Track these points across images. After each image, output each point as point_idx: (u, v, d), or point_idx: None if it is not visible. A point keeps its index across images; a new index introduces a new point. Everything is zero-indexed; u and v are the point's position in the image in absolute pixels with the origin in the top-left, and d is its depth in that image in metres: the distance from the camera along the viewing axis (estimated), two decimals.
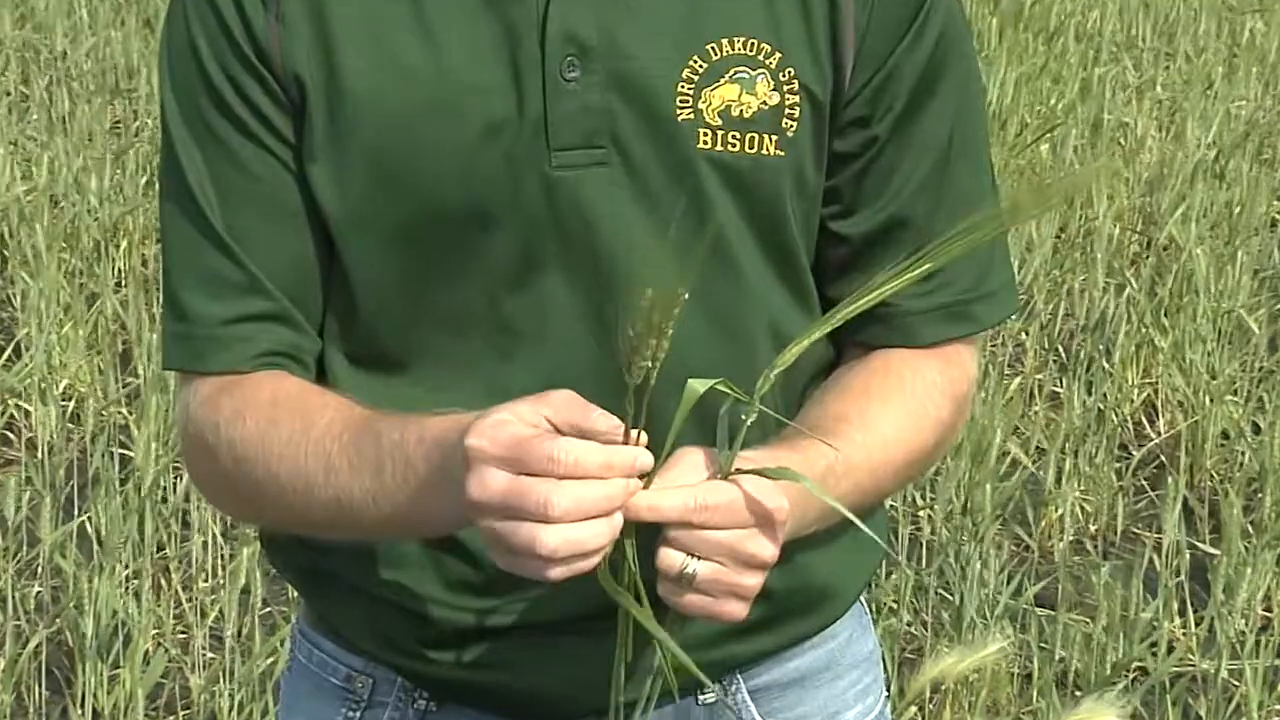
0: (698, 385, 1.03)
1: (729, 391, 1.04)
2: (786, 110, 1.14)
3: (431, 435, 1.05)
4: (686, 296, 0.99)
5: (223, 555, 2.76)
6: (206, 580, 2.74)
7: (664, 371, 1.02)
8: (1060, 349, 3.53)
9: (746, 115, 1.13)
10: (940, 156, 1.17)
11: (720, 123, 1.13)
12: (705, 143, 1.13)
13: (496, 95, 1.11)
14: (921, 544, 2.86)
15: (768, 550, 1.04)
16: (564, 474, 0.98)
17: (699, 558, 1.03)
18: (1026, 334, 3.54)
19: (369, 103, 1.11)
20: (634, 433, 1.02)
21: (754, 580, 1.04)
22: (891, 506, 2.86)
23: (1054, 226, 3.86)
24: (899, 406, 1.16)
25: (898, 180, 1.16)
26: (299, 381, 1.14)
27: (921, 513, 2.92)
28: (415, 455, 1.06)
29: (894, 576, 2.73)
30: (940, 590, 2.74)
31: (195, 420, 1.16)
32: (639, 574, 1.04)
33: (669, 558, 1.03)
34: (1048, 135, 4.16)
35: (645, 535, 1.04)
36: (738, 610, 1.05)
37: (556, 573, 1.00)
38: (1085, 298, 3.66)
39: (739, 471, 1.05)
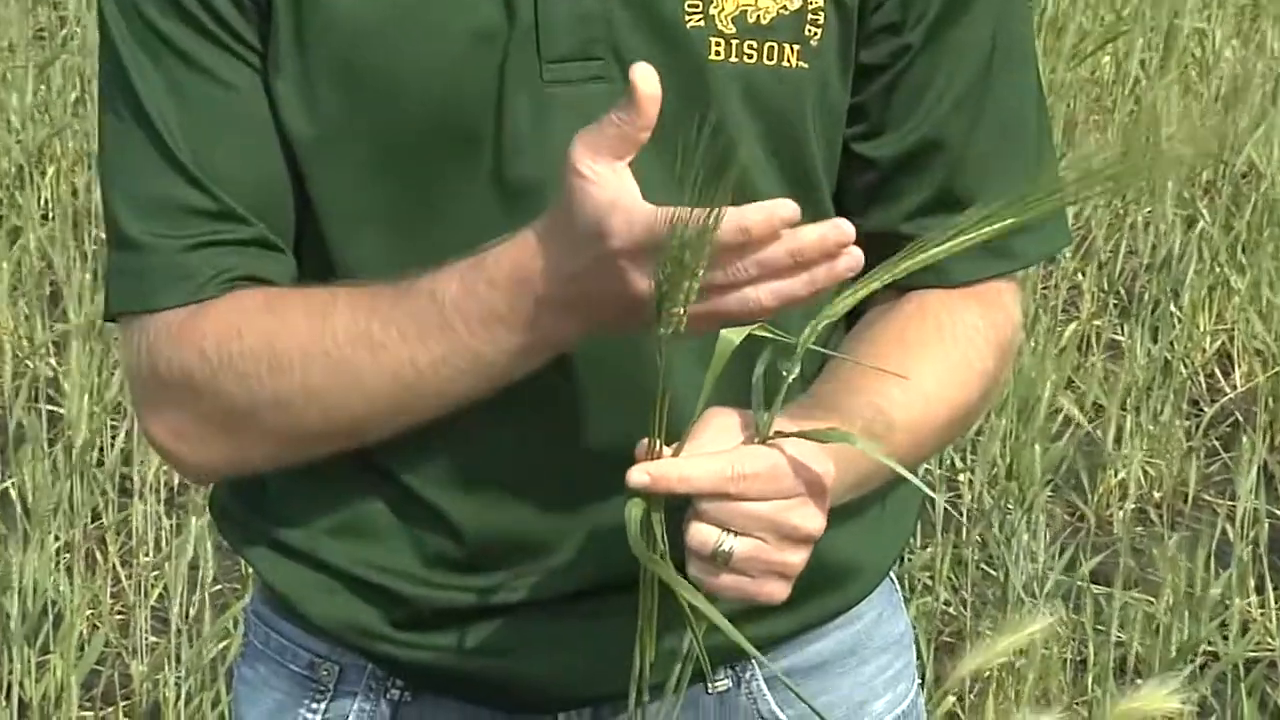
0: (733, 335, 1.03)
1: (770, 335, 1.04)
2: (809, 15, 1.14)
3: (505, 272, 1.06)
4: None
5: (167, 526, 2.77)
6: (148, 554, 2.75)
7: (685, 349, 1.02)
8: (1121, 291, 3.53)
9: (764, 21, 1.13)
10: (980, 69, 1.17)
11: (734, 30, 1.13)
12: (718, 53, 1.13)
13: (483, 1, 1.11)
14: (961, 513, 2.87)
15: (814, 522, 1.04)
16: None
17: (735, 533, 1.03)
18: (1083, 274, 3.54)
19: (340, 9, 1.12)
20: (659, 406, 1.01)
21: (798, 557, 1.04)
22: (925, 470, 2.87)
23: (1115, 149, 3.85)
24: (939, 357, 1.16)
25: (931, 96, 1.16)
26: (279, 288, 1.14)
27: (961, 477, 2.93)
28: (493, 299, 1.06)
29: (929, 549, 2.74)
30: (982, 565, 2.75)
31: (164, 359, 1.15)
32: (668, 551, 1.04)
33: (702, 534, 1.03)
34: (1110, 44, 4.16)
35: (674, 509, 1.04)
36: (779, 591, 1.05)
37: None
38: (1150, 232, 3.66)
39: (779, 435, 1.04)
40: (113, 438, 2.90)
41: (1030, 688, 2.49)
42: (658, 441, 1.03)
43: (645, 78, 1.03)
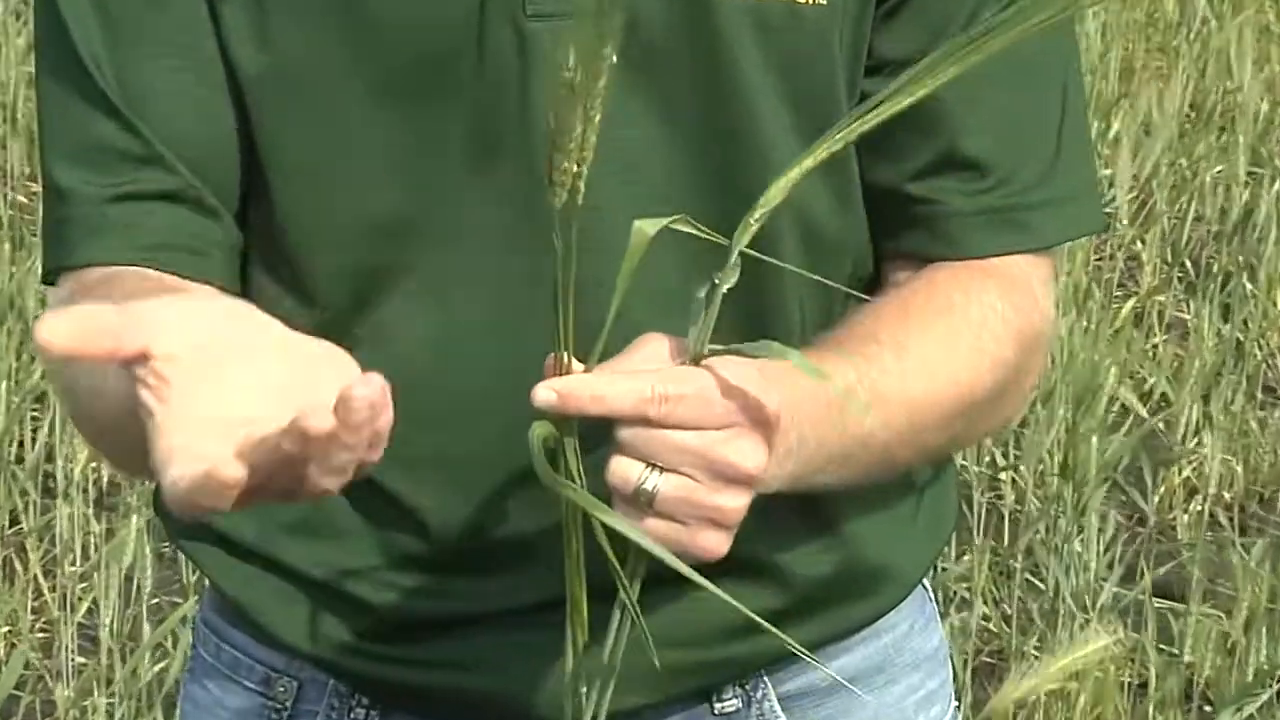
0: (647, 226, 1.01)
1: (695, 231, 1.01)
2: None
3: None
4: (614, 62, 0.96)
5: (96, 530, 2.79)
6: (75, 562, 2.76)
7: (646, 296, 1.03)
8: (1188, 262, 3.55)
9: None
10: (998, 8, 1.16)
11: None
12: None
13: None
14: (1004, 516, 2.89)
15: (752, 457, 1.02)
16: None
17: (661, 469, 1.01)
18: (1143, 242, 3.56)
19: None
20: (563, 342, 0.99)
21: (736, 500, 1.02)
22: (962, 467, 2.89)
23: (1180, 99, 3.87)
24: (946, 332, 1.17)
25: (938, 25, 1.17)
26: (165, 277, 1.14)
27: (1003, 475, 2.95)
28: None
29: (967, 557, 2.76)
30: (1028, 575, 2.77)
31: None
32: (584, 486, 1.01)
33: (622, 468, 1.01)
34: None
35: (596, 442, 1.02)
36: (716, 543, 1.03)
37: None
38: (1221, 194, 3.68)
39: (712, 353, 1.03)
40: (34, 430, 2.91)
41: (1083, 716, 2.50)
42: (565, 354, 1.01)
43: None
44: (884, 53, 1.18)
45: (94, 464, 2.84)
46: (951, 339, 1.17)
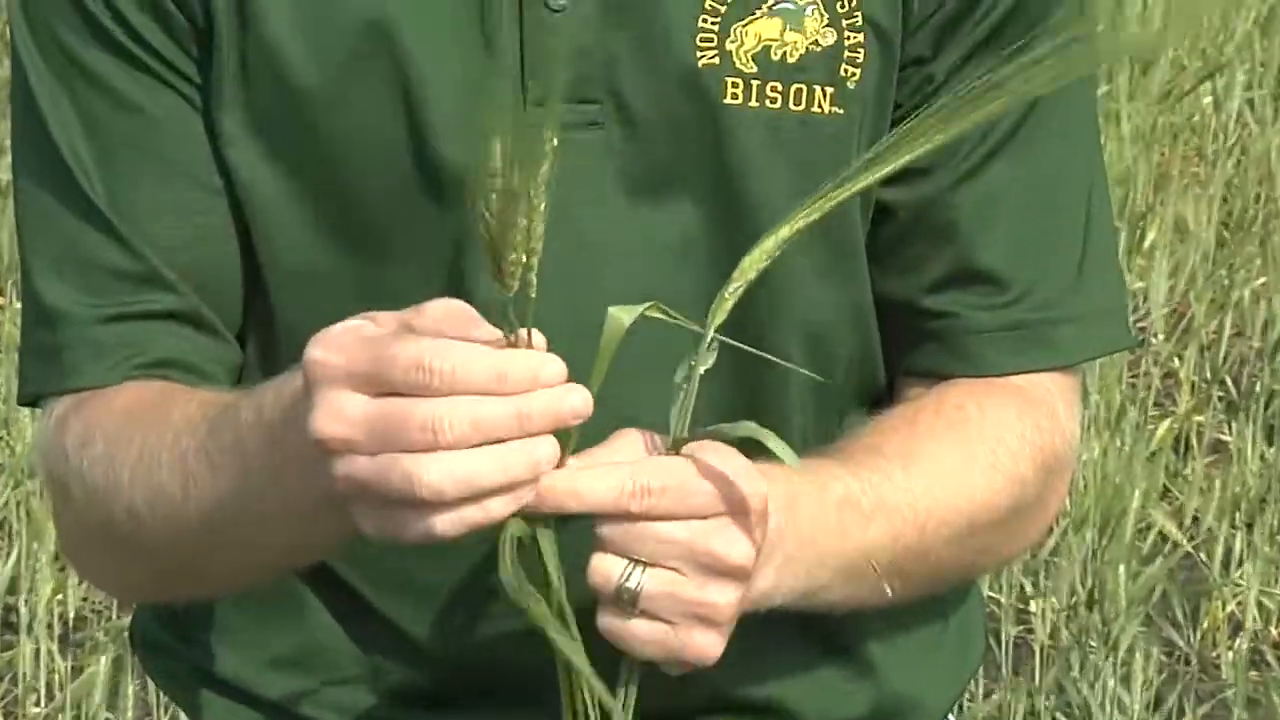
0: (621, 313, 1.02)
1: (666, 317, 1.03)
2: (846, 52, 1.17)
3: (280, 391, 1.05)
4: (556, 144, 0.99)
5: (61, 668, 2.79)
6: (38, 703, 2.76)
7: (652, 406, 1.05)
8: (1228, 381, 3.56)
9: (791, 59, 1.16)
10: (1018, 118, 1.18)
11: (756, 69, 1.16)
12: (735, 96, 1.16)
13: (456, 30, 1.14)
14: (1034, 650, 2.89)
15: (739, 548, 1.02)
16: (442, 387, 0.97)
17: (645, 565, 1.02)
18: (1180, 359, 3.57)
19: (288, 41, 1.15)
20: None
21: (724, 595, 1.02)
22: (989, 597, 2.89)
23: (1218, 207, 3.90)
24: (958, 447, 1.17)
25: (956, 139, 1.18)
26: (167, 384, 1.17)
27: (1032, 606, 2.94)
28: (266, 420, 1.05)
29: (995, 695, 2.75)
30: (1060, 714, 2.76)
31: (47, 454, 1.18)
32: (563, 587, 1.01)
33: (604, 565, 1.02)
34: (1209, 81, 4.20)
35: (577, 544, 1.03)
36: (705, 644, 1.02)
37: (444, 526, 0.97)
38: (1263, 308, 3.69)
39: (694, 438, 1.03)
40: None
41: None
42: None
43: None
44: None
45: (59, 597, 2.85)
46: (964, 452, 1.18)
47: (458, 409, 0.96)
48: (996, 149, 1.20)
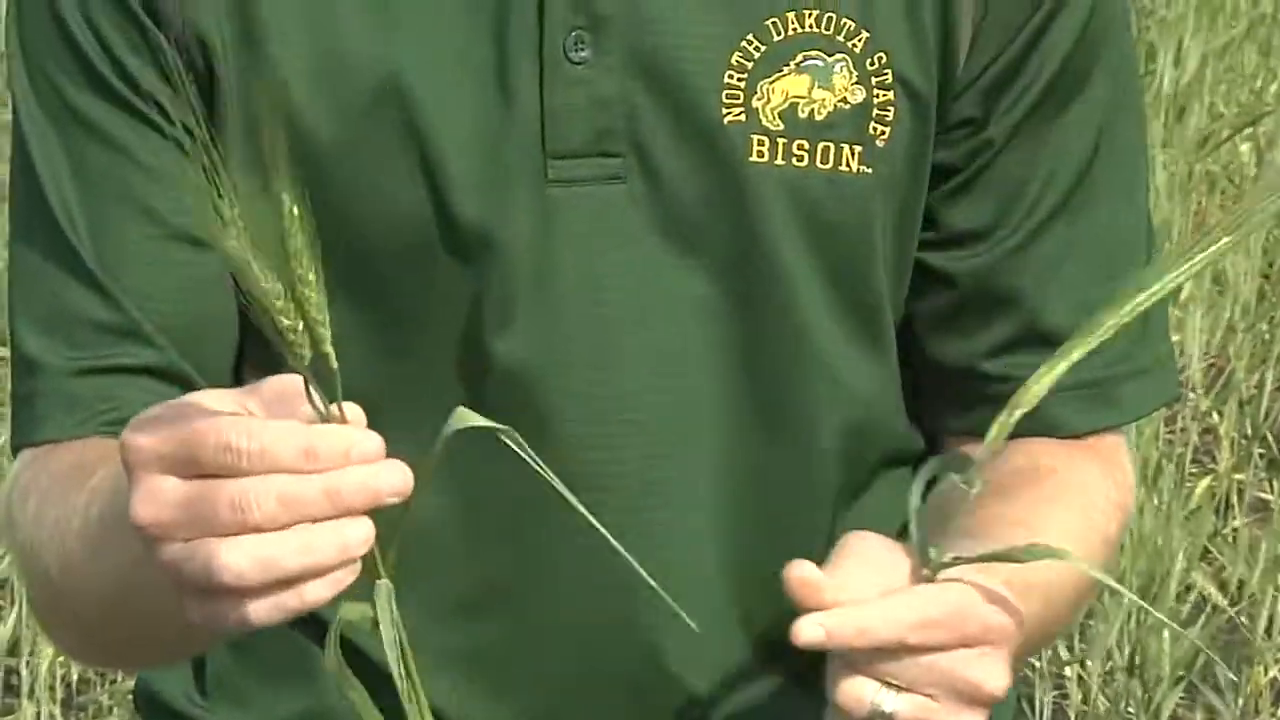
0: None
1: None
2: (876, 110, 1.17)
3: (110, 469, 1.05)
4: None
5: None
6: None
7: (676, 469, 1.05)
8: (1269, 436, 3.55)
9: (819, 117, 1.17)
10: (1075, 176, 1.20)
11: (782, 126, 1.17)
12: (760, 154, 1.17)
13: (474, 82, 1.15)
14: (1070, 717, 2.88)
15: (997, 678, 1.04)
16: (251, 466, 0.95)
17: (898, 688, 1.03)
18: (1220, 415, 3.57)
19: (297, 89, 1.15)
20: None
21: None
22: (1025, 663, 2.89)
23: (1258, 257, 3.90)
24: (1065, 513, 1.18)
25: (1017, 202, 1.20)
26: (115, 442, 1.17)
27: (1068, 671, 2.94)
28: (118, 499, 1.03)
29: None
30: None
31: (2, 506, 1.19)
32: (405, 676, 0.99)
33: (855, 689, 1.03)
34: (1248, 129, 4.20)
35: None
36: None
37: (259, 613, 0.96)
38: None
39: (954, 563, 1.04)
40: None
41: None
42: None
43: None
44: (955, 225, 1.21)
45: (61, 659, 2.85)
46: (1076, 520, 1.19)
47: (264, 486, 0.95)
48: (1057, 209, 1.21)
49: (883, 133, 1.18)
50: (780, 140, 1.17)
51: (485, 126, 1.15)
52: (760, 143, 1.17)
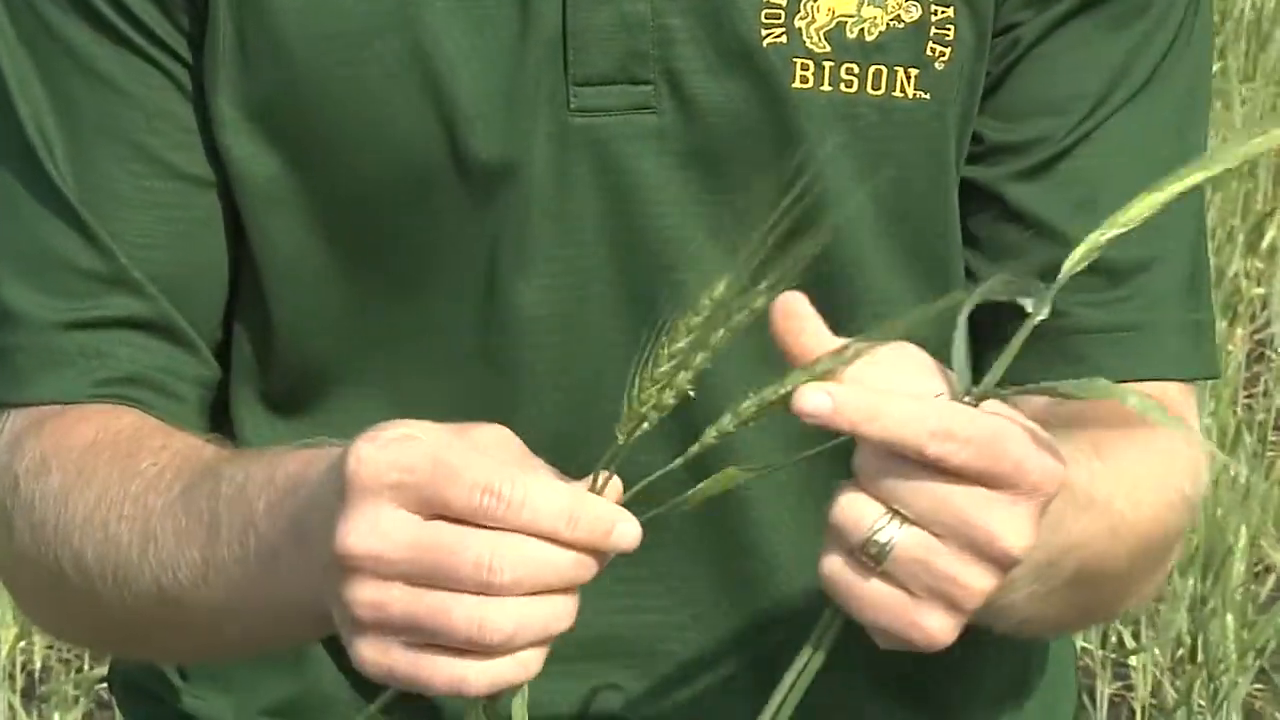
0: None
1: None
2: (934, 29, 1.17)
3: (288, 470, 1.05)
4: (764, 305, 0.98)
5: None
6: None
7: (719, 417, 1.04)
8: None
9: (870, 37, 1.16)
10: (1120, 102, 1.19)
11: (828, 48, 1.16)
12: (805, 80, 1.16)
13: (486, 8, 1.14)
14: (1133, 709, 2.89)
15: (1019, 534, 0.99)
16: (507, 517, 0.96)
17: (904, 520, 0.99)
18: None
19: (296, 16, 1.15)
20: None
21: (980, 580, 0.99)
22: (1082, 649, 2.89)
23: None
24: (1133, 450, 1.16)
25: (1057, 94, 1.19)
26: (141, 418, 1.16)
27: (1132, 660, 2.94)
28: (259, 503, 1.05)
29: None
30: None
31: None
32: None
33: (856, 508, 0.99)
34: None
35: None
36: (939, 629, 0.99)
37: (478, 680, 0.97)
38: None
39: (1002, 394, 1.00)
40: None
41: None
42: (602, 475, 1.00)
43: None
44: (987, 136, 1.20)
45: (22, 644, 2.86)
46: (1138, 456, 1.16)
47: (519, 552, 0.96)
48: (1096, 131, 1.20)
49: (942, 54, 1.17)
50: (826, 64, 1.16)
51: (499, 48, 1.15)
52: (804, 67, 1.16)
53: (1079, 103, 1.19)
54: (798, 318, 1.00)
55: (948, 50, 1.17)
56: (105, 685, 2.81)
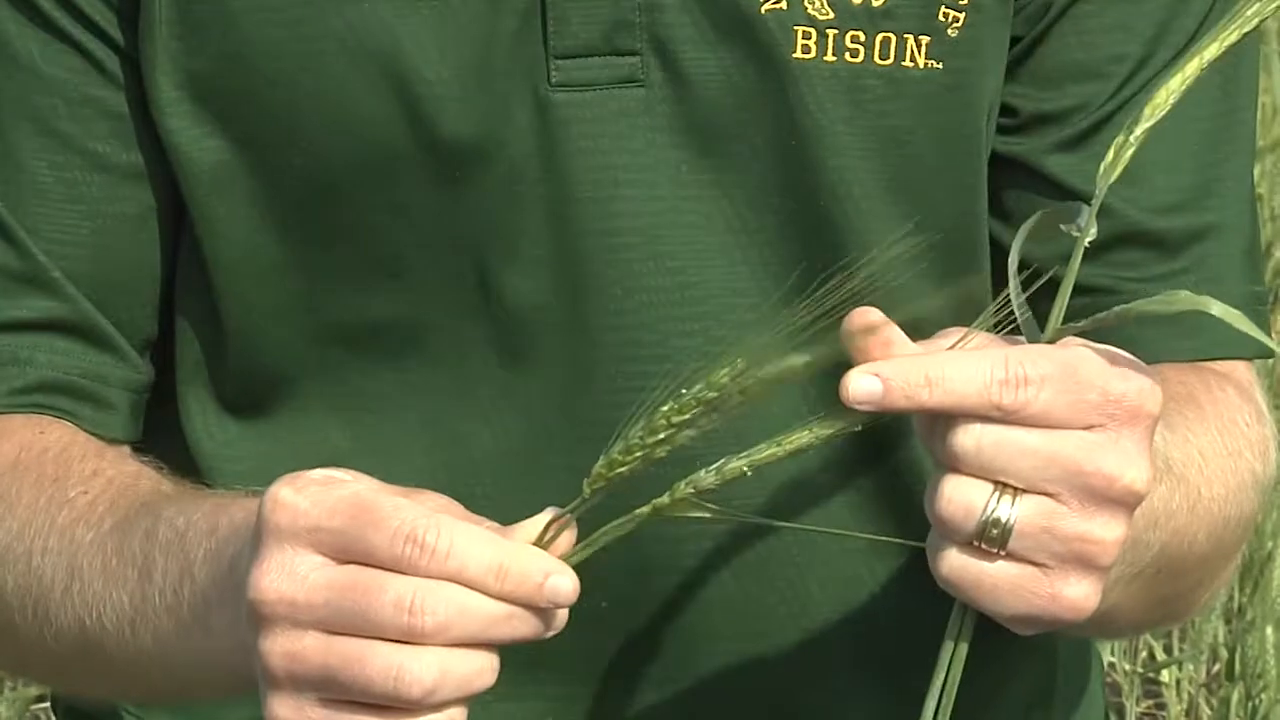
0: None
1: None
2: None
3: (232, 518, 1.05)
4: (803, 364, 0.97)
5: None
6: None
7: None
8: None
9: (876, 2, 1.16)
10: (1153, 37, 1.19)
11: (832, 15, 1.16)
12: (806, 49, 1.16)
13: None
14: None
15: (1137, 466, 0.97)
16: (430, 566, 0.96)
17: (1015, 491, 0.97)
18: None
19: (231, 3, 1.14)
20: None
21: (1111, 530, 0.97)
22: (1109, 664, 2.89)
23: None
24: (1203, 422, 1.16)
25: (1091, 59, 1.19)
26: (69, 434, 1.17)
27: (1165, 676, 2.95)
28: (198, 551, 1.05)
29: None
30: None
31: None
32: None
33: (963, 493, 0.97)
34: None
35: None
36: (1080, 595, 0.98)
37: None
38: None
39: (1068, 331, 0.99)
40: None
41: None
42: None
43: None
44: (1018, 105, 1.20)
45: None
46: (1208, 428, 1.16)
47: (443, 592, 0.95)
48: (1135, 95, 1.19)
49: (956, 19, 1.17)
50: (829, 31, 1.16)
51: (468, 18, 1.15)
52: (805, 35, 1.16)
53: (1119, 66, 1.19)
54: (876, 330, 0.98)
55: (962, 15, 1.17)
56: (42, 706, 2.81)
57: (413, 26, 1.14)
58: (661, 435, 0.97)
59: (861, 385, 0.97)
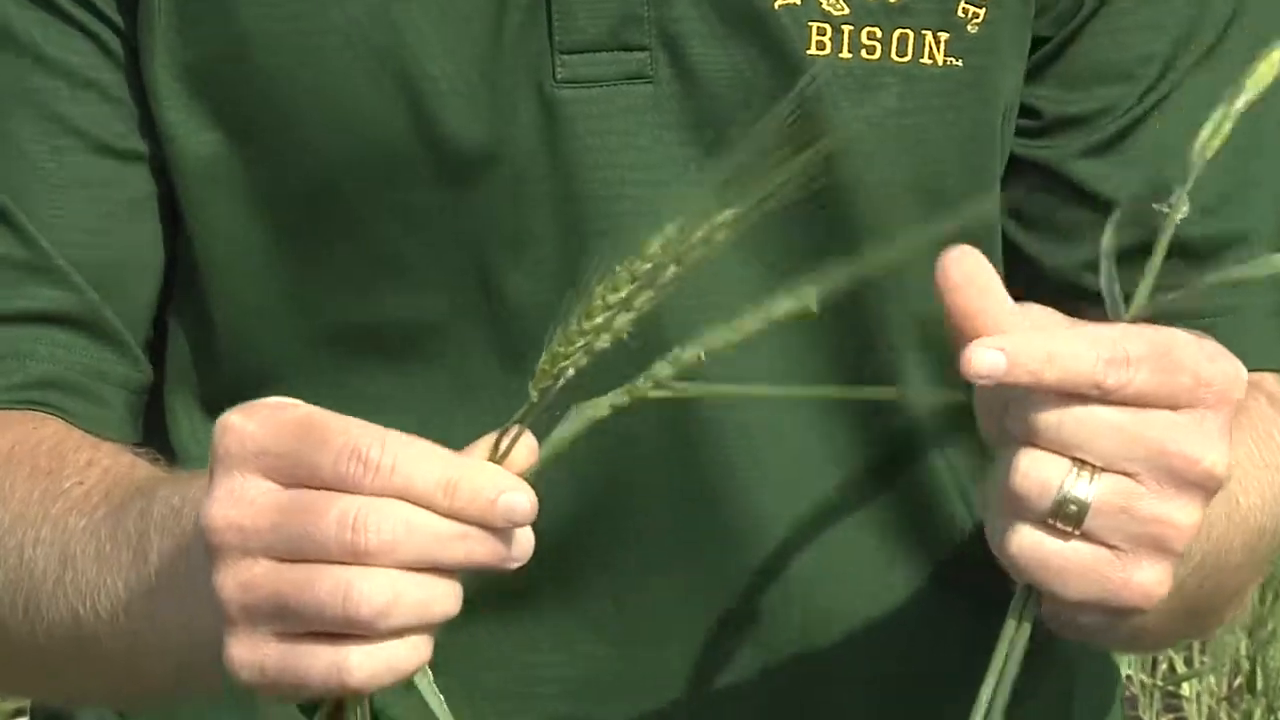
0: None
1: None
2: None
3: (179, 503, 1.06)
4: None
5: None
6: None
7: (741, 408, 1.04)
8: None
9: None
10: (1181, 36, 1.19)
11: (847, 10, 1.16)
12: (821, 45, 1.16)
13: None
14: None
15: (1217, 451, 0.97)
16: (375, 484, 0.96)
17: (1093, 469, 0.97)
18: None
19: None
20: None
21: (1188, 514, 0.98)
22: (1128, 677, 2.89)
23: None
24: (1246, 430, 1.15)
25: (1116, 71, 1.19)
26: (63, 429, 1.17)
27: (1184, 689, 2.95)
28: (193, 524, 1.03)
29: None
30: None
31: None
32: None
33: (1040, 469, 0.97)
34: None
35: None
36: (1152, 581, 0.98)
37: (362, 666, 0.96)
38: None
39: (1157, 310, 1.00)
40: None
41: None
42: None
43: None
44: (1042, 108, 1.20)
45: None
46: (1244, 442, 1.15)
47: (389, 509, 0.95)
48: (1165, 99, 1.20)
49: (976, 15, 1.17)
50: (845, 27, 1.16)
51: (473, 12, 1.15)
52: (820, 31, 1.16)
53: (1147, 66, 1.19)
54: (975, 279, 0.98)
55: (982, 11, 1.17)
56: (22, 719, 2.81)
57: (415, 21, 1.15)
58: (599, 319, 0.95)
59: (986, 359, 0.96)
